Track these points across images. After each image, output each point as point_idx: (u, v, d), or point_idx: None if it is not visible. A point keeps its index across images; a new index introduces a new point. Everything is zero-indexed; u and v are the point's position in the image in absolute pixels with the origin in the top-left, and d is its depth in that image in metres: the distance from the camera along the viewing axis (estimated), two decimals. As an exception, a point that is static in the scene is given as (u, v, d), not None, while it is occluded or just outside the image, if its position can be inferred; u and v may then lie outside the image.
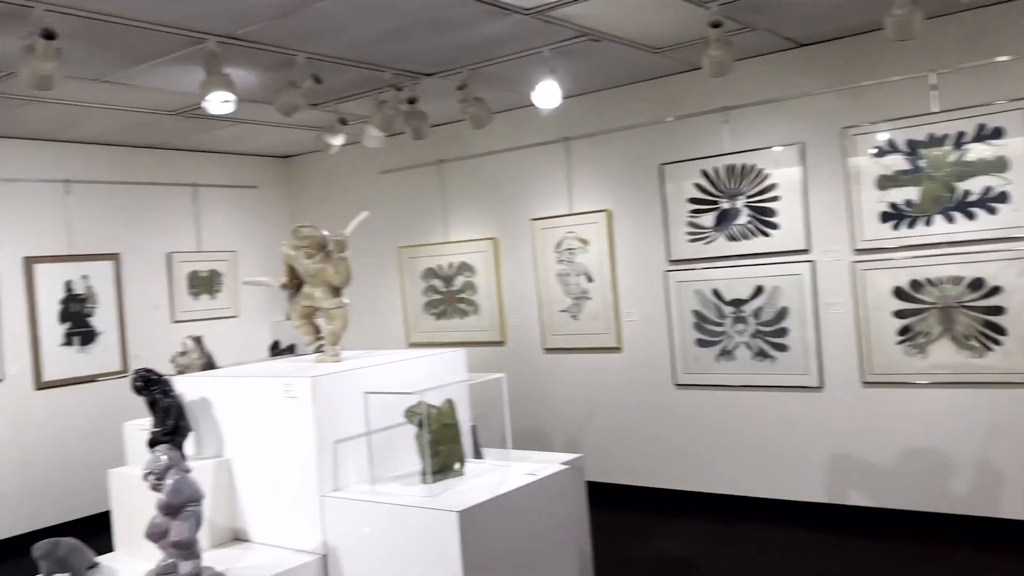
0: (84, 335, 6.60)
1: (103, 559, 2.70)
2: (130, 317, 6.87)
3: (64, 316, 6.50)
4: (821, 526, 5.33)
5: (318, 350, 3.10)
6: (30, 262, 6.30)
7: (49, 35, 3.53)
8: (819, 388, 5.38)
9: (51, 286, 6.43)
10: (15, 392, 6.18)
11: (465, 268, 6.99)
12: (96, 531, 2.93)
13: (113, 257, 6.79)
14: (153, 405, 2.74)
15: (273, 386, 2.71)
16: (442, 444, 2.67)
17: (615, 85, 6.05)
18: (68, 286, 6.53)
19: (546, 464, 2.97)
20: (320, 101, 5.62)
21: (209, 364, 3.28)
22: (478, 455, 3.30)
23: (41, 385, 6.32)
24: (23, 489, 6.14)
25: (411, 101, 5.35)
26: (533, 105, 5.27)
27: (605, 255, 6.21)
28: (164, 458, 2.33)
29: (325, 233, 2.97)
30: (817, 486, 5.44)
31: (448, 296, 7.11)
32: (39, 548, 2.38)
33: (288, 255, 3.04)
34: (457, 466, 2.76)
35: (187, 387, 2.96)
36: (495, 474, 2.77)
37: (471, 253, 6.95)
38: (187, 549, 2.31)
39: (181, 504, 2.31)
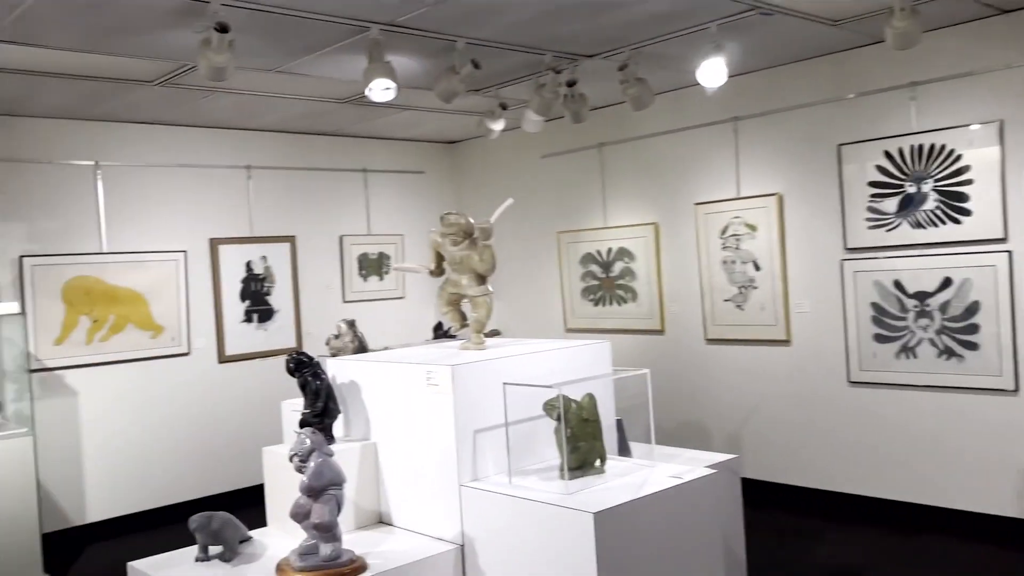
0: (262, 313, 6.99)
1: (256, 533, 2.81)
2: (304, 296, 7.21)
3: (244, 294, 6.91)
4: (1011, 543, 4.82)
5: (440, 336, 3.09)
6: (215, 243, 6.74)
7: (223, 28, 3.70)
8: (1014, 391, 4.85)
9: (233, 266, 6.86)
10: (200, 364, 6.65)
11: (624, 254, 6.84)
12: (258, 502, 3.06)
13: (289, 239, 7.14)
14: (304, 387, 2.81)
15: (416, 373, 2.71)
16: (581, 440, 2.58)
17: (788, 61, 5.68)
18: (248, 266, 6.94)
19: (695, 465, 2.82)
20: (480, 87, 5.63)
21: (361, 347, 3.35)
22: (624, 450, 3.19)
23: (223, 359, 6.76)
24: (201, 454, 6.60)
25: (570, 84, 5.26)
26: (698, 84, 5.03)
27: (775, 242, 5.88)
28: (308, 441, 2.38)
29: (471, 220, 2.94)
30: (1007, 499, 4.92)
31: (606, 282, 6.99)
32: (195, 520, 2.50)
33: (436, 241, 3.03)
34: (597, 463, 2.66)
35: (338, 370, 3.03)
36: (638, 474, 2.65)
37: (630, 239, 6.79)
38: (327, 532, 2.35)
39: (322, 487, 2.35)
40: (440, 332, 7.62)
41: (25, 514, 4.99)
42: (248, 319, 6.93)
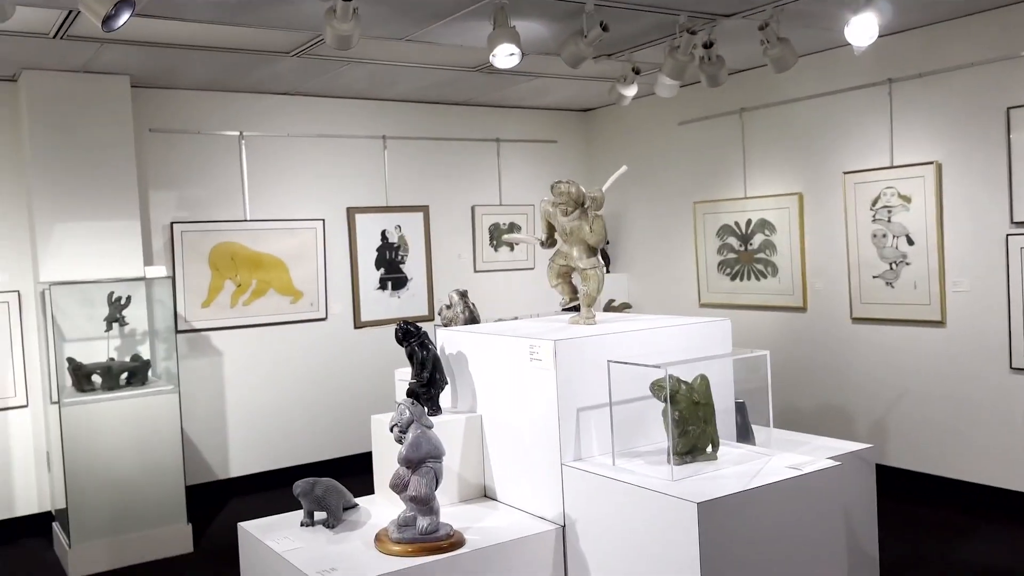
0: (396, 281, 7.12)
1: (363, 501, 2.83)
2: (436, 265, 7.29)
3: (379, 262, 7.05)
4: None
5: (569, 310, 2.98)
6: (352, 212, 6.90)
7: (346, -3, 3.70)
8: None
9: (369, 235, 7.00)
10: (337, 329, 6.85)
11: (764, 226, 6.49)
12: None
13: (423, 209, 7.22)
14: (411, 357, 2.79)
15: (520, 347, 2.63)
16: (691, 424, 2.43)
17: (949, 17, 5.17)
18: (383, 235, 7.07)
19: (821, 455, 2.60)
20: (612, 51, 5.44)
21: (472, 319, 3.30)
22: (745, 436, 2.99)
23: (359, 324, 6.94)
24: (334, 417, 6.81)
25: (707, 46, 4.98)
26: (846, 44, 4.66)
27: (931, 214, 5.40)
28: (407, 412, 2.35)
29: (582, 189, 2.81)
30: None
31: (744, 255, 6.66)
32: (299, 486, 2.54)
33: (547, 211, 2.93)
34: (708, 449, 2.50)
35: (447, 340, 2.99)
36: (753, 463, 2.47)
37: (772, 209, 6.43)
38: (424, 504, 2.32)
39: (420, 459, 2.32)
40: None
41: (171, 466, 5.31)
42: (382, 287, 7.07)
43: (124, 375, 5.35)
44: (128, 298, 5.50)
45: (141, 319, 5.71)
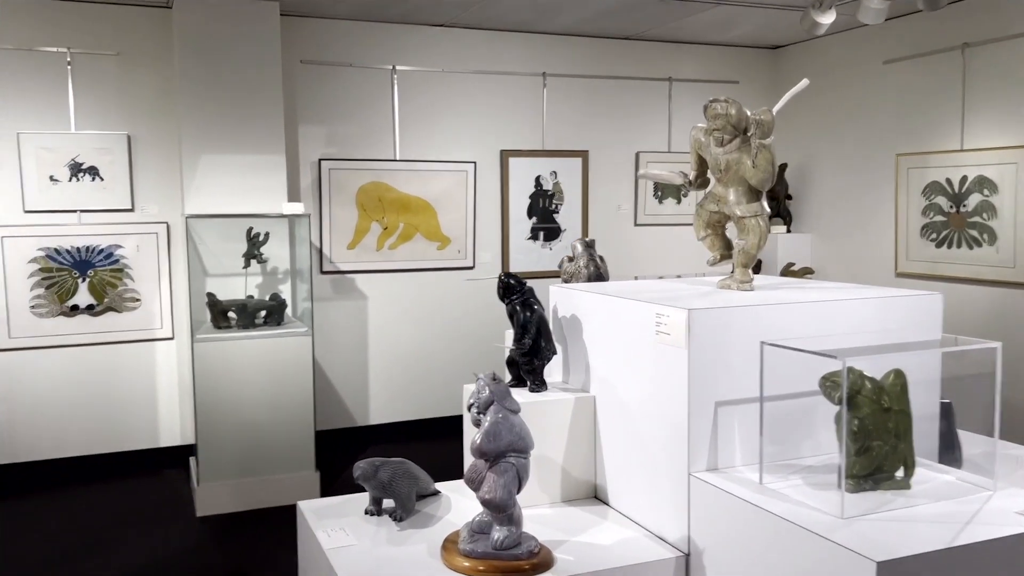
0: (548, 231, 6.59)
1: (452, 486, 2.34)
2: (593, 217, 6.70)
3: (531, 211, 6.54)
4: None
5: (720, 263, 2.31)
6: (505, 155, 6.41)
7: None
8: None
9: (522, 180, 6.50)
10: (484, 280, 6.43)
11: (983, 184, 5.40)
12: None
13: (581, 154, 6.62)
14: (512, 317, 2.25)
15: (645, 315, 2.02)
16: (876, 437, 1.74)
17: None
18: (538, 181, 6.54)
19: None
20: (807, -34, 4.58)
21: (598, 275, 2.71)
22: (950, 449, 2.24)
23: (507, 276, 6.48)
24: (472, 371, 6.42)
25: (928, -44, 4.04)
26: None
27: None
28: (487, 390, 1.81)
29: (745, 111, 2.13)
30: None
31: (955, 218, 5.60)
32: (359, 468, 2.08)
33: (697, 141, 2.27)
34: (899, 474, 1.80)
35: (560, 300, 2.43)
36: (962, 499, 1.75)
37: (993, 165, 5.32)
38: (500, 511, 1.79)
39: (498, 452, 1.79)
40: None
41: (302, 410, 5.10)
42: (534, 236, 6.57)
43: (261, 313, 5.18)
44: (266, 235, 5.31)
45: (282, 257, 5.52)
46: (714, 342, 1.89)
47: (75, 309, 5.42)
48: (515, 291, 2.23)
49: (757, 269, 6.56)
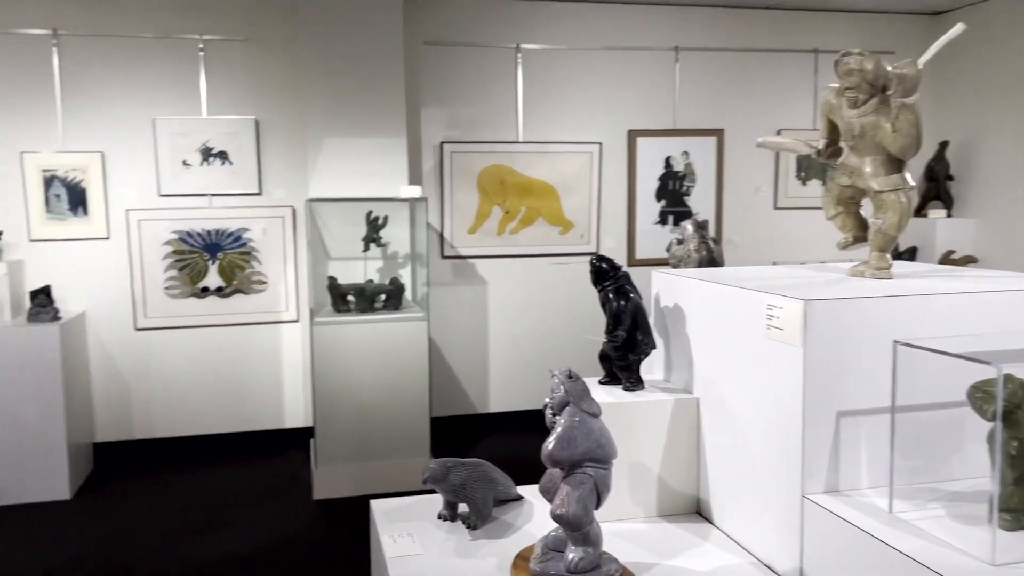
0: (678, 215, 6.24)
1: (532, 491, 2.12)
2: (728, 199, 6.29)
3: (660, 193, 6.21)
4: None
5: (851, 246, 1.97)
6: (633, 135, 6.10)
7: None
8: None
9: (651, 161, 6.18)
10: (609, 266, 6.16)
11: None
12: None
13: (716, 133, 6.22)
14: (605, 306, 2.00)
15: (755, 306, 1.73)
16: (1041, 464, 1.39)
17: None
18: (668, 162, 6.20)
19: None
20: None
21: (710, 260, 2.41)
22: None
23: (634, 262, 6.19)
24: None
25: None
26: None
27: None
28: (561, 389, 1.58)
29: (884, 66, 1.79)
30: None
31: None
32: (429, 470, 1.89)
33: (828, 103, 1.95)
34: (1072, 510, 1.44)
35: (663, 287, 2.15)
36: None
37: None
38: (574, 529, 1.56)
39: (573, 461, 1.55)
40: (897, 253, 6.18)
41: (417, 396, 5.02)
42: (662, 221, 6.24)
43: (381, 297, 5.13)
44: (385, 218, 5.25)
45: (402, 241, 5.46)
46: (836, 340, 1.58)
47: (205, 291, 5.55)
48: (608, 276, 1.98)
49: (912, 256, 5.97)
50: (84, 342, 5.38)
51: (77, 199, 5.32)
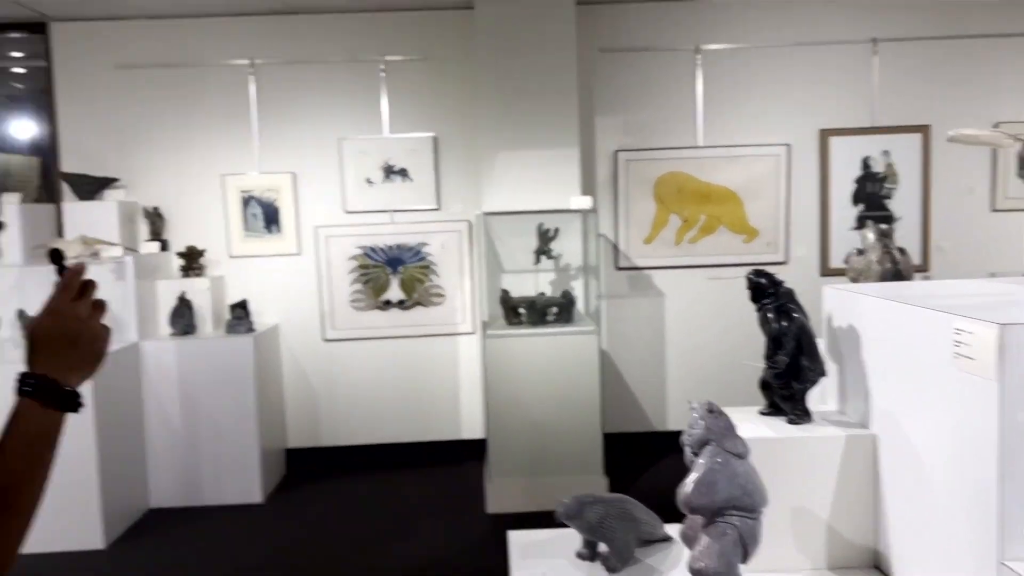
0: (878, 220, 5.71)
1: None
2: (936, 202, 5.70)
3: (858, 197, 5.73)
4: None
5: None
6: (825, 135, 5.68)
7: None
8: None
9: (846, 162, 5.71)
10: (800, 276, 5.71)
11: None
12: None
13: (921, 129, 5.65)
14: (764, 326, 1.78)
15: (941, 329, 1.46)
16: None
17: None
18: (865, 163, 5.71)
19: None
20: None
21: (896, 273, 2.10)
22: None
23: (826, 271, 5.75)
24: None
25: None
26: None
27: None
28: (701, 423, 1.40)
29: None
30: None
31: None
32: (561, 504, 1.74)
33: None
34: None
35: (837, 304, 1.89)
36: None
37: None
38: (715, 583, 1.37)
39: (714, 508, 1.37)
40: None
41: (589, 412, 4.89)
42: (861, 227, 5.73)
43: (552, 310, 5.05)
44: (555, 230, 5.17)
45: (575, 253, 5.36)
46: (1043, 374, 1.29)
47: (388, 303, 5.71)
48: (767, 293, 1.76)
49: None
50: (277, 353, 5.69)
51: (271, 217, 5.64)
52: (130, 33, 5.46)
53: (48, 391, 1.07)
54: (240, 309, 5.29)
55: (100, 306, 1.16)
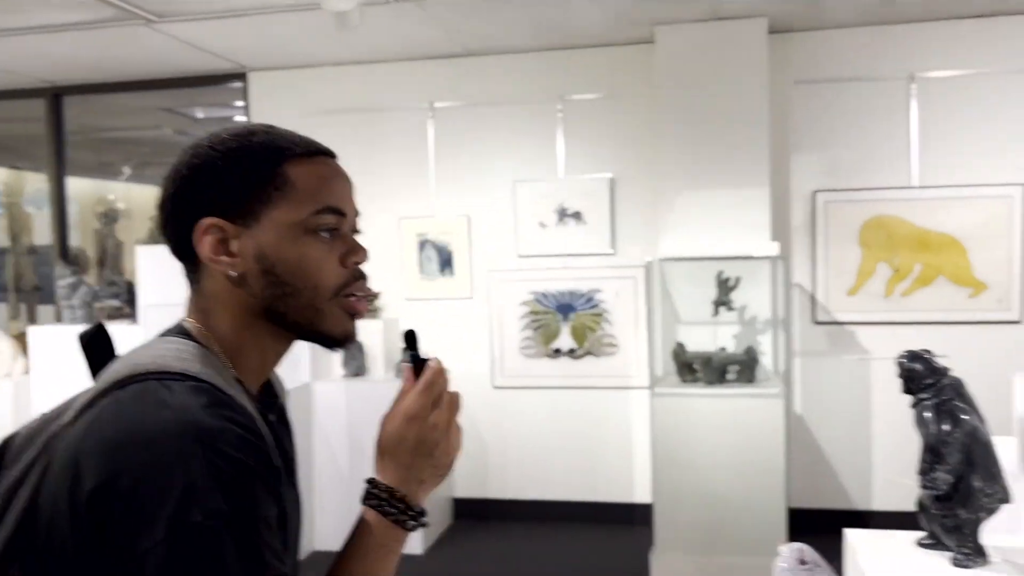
0: None
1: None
2: None
3: (1117, 246, 4.77)
4: None
5: None
6: (1074, 172, 4.79)
7: None
8: None
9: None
10: (1037, 338, 4.87)
11: None
12: None
13: None
14: (920, 426, 1.32)
15: None
16: None
17: None
18: None
19: None
20: None
21: None
22: None
23: (1074, 334, 4.82)
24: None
25: None
26: None
27: None
28: (786, 563, 0.99)
29: None
30: None
31: None
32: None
33: None
34: None
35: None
36: None
37: None
38: None
39: None
40: None
41: (772, 484, 4.35)
42: (1120, 282, 4.78)
43: (732, 368, 4.58)
44: (737, 279, 4.70)
45: (760, 304, 4.85)
46: None
47: (558, 352, 5.46)
48: (925, 382, 1.30)
49: None
50: (447, 398, 5.58)
51: (445, 260, 5.58)
52: (317, 81, 5.66)
53: (395, 507, 0.99)
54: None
55: (455, 407, 1.04)
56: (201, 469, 0.81)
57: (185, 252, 1.01)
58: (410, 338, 1.07)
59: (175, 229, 1.01)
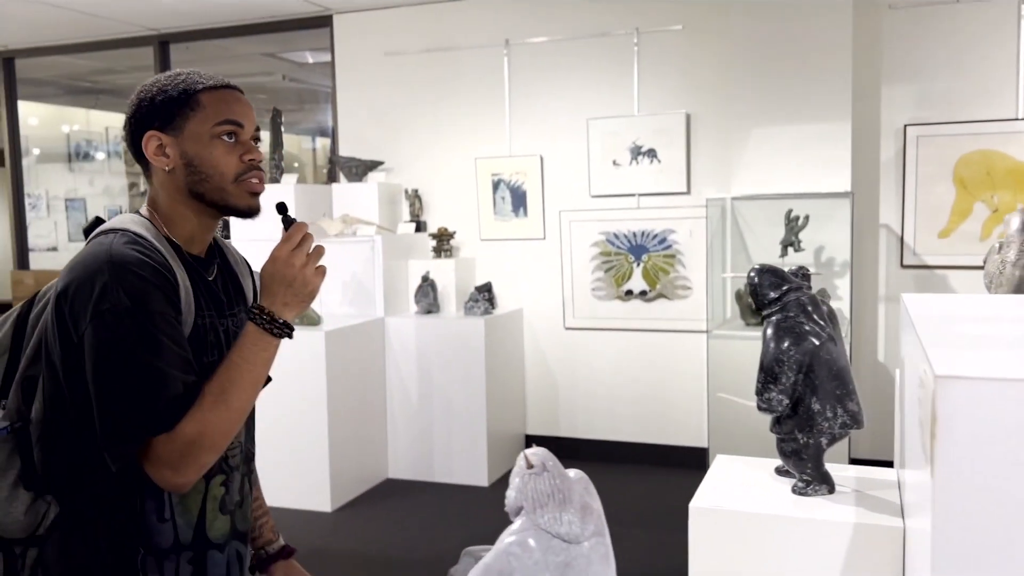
0: None
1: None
2: None
3: None
4: None
5: None
6: None
7: None
8: None
9: None
10: None
11: None
12: None
13: None
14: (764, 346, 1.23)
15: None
16: None
17: None
18: None
19: None
20: None
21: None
22: None
23: None
24: None
25: None
26: None
27: None
28: (512, 493, 0.95)
29: None
30: None
31: None
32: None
33: None
34: None
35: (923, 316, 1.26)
36: None
37: None
38: None
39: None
40: None
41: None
42: None
43: (800, 312, 4.38)
44: (806, 218, 4.46)
45: (843, 246, 4.58)
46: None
47: (629, 294, 5.38)
48: (767, 299, 1.21)
49: None
50: (520, 337, 5.62)
51: (519, 201, 5.57)
52: (397, 21, 5.71)
53: (263, 318, 1.36)
54: (482, 292, 5.29)
55: (316, 254, 1.41)
56: (112, 278, 1.27)
57: (140, 156, 1.45)
58: (282, 208, 1.45)
59: (132, 141, 1.45)
